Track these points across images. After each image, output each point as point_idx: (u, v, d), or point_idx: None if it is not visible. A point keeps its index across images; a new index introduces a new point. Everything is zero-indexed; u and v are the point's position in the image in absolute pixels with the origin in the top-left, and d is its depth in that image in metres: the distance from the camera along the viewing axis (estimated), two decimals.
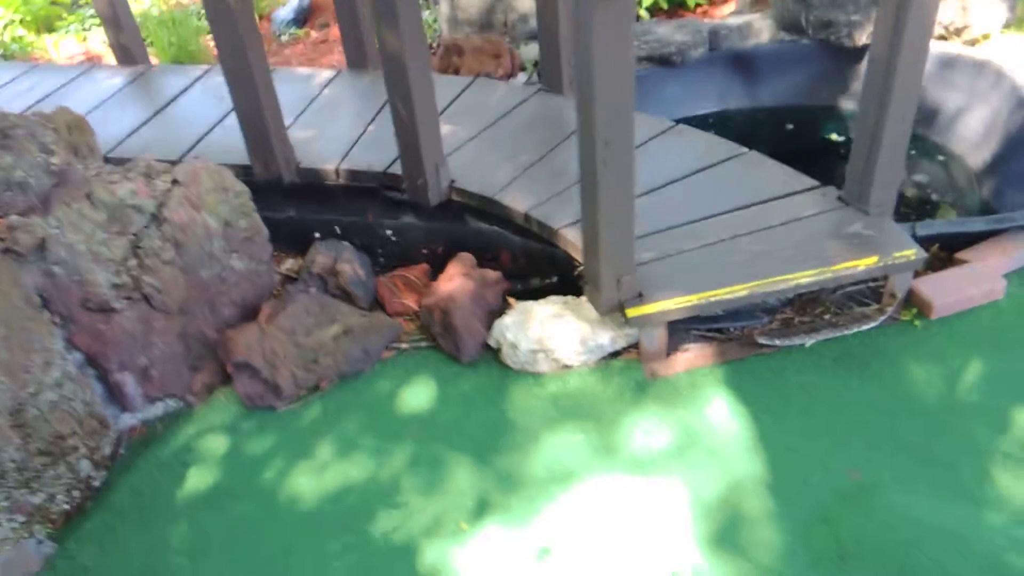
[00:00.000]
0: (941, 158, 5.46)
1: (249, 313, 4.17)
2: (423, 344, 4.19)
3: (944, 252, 4.26)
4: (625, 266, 3.62)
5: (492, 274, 4.19)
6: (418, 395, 3.91)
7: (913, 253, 3.74)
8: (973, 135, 5.33)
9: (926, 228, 4.16)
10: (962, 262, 4.10)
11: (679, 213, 4.18)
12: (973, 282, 3.91)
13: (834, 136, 5.88)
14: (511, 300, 4.25)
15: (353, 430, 3.78)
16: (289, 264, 4.69)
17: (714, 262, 3.84)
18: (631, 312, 3.66)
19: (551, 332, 3.85)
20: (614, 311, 3.75)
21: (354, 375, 4.08)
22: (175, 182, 3.86)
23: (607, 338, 3.86)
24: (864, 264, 3.72)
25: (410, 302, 4.34)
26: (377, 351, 4.12)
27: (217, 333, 4.03)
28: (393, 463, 3.59)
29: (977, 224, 4.17)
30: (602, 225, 3.45)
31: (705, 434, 3.49)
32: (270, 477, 3.61)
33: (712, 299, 3.67)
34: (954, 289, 3.88)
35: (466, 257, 4.22)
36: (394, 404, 3.89)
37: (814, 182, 4.29)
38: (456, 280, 4.08)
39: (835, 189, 4.19)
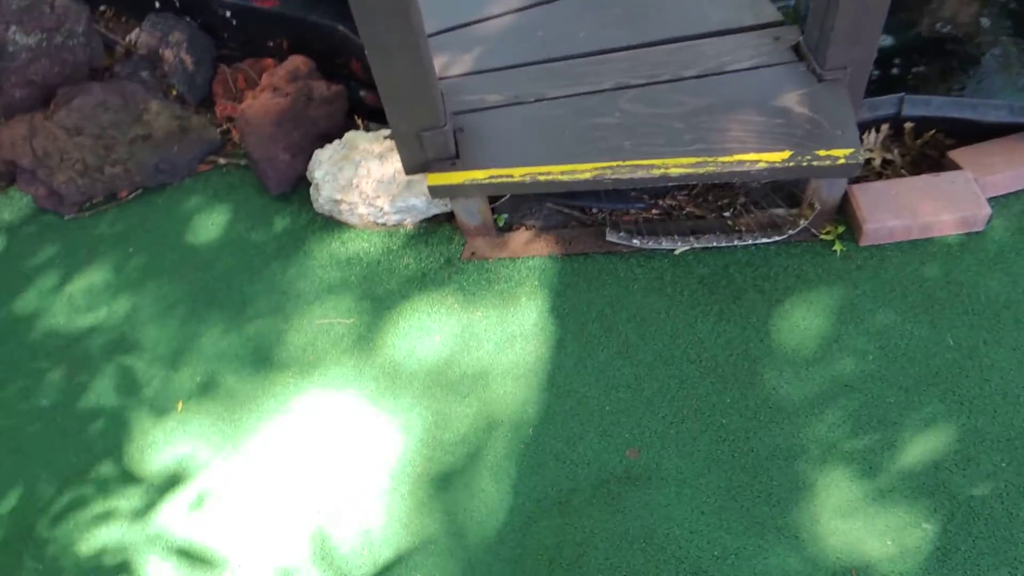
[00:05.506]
0: None
1: (52, 96, 3.53)
2: (244, 163, 3.47)
3: (951, 140, 2.99)
4: (426, 118, 2.67)
5: (325, 88, 3.29)
6: (210, 227, 3.27)
7: (844, 155, 2.56)
8: None
9: (919, 106, 2.88)
10: (954, 167, 2.85)
11: (560, 43, 3.05)
12: (938, 201, 2.70)
13: None
14: (360, 122, 3.39)
15: (125, 258, 3.24)
16: (134, 36, 3.91)
17: (572, 123, 2.80)
18: (433, 179, 2.77)
19: (365, 178, 3.03)
20: (420, 171, 2.86)
21: (159, 188, 3.46)
22: None
23: (422, 200, 3.00)
24: (767, 160, 2.59)
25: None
26: (186, 164, 3.44)
27: (5, 118, 3.46)
28: (147, 309, 3.07)
29: (994, 111, 2.82)
30: (376, 57, 2.48)
31: (491, 352, 2.72)
32: (27, 299, 3.20)
33: (541, 178, 2.70)
34: (904, 208, 2.70)
35: (291, 65, 3.31)
36: (182, 233, 3.28)
37: (776, 16, 3.00)
38: (264, 95, 3.23)
39: (799, 30, 2.92)
